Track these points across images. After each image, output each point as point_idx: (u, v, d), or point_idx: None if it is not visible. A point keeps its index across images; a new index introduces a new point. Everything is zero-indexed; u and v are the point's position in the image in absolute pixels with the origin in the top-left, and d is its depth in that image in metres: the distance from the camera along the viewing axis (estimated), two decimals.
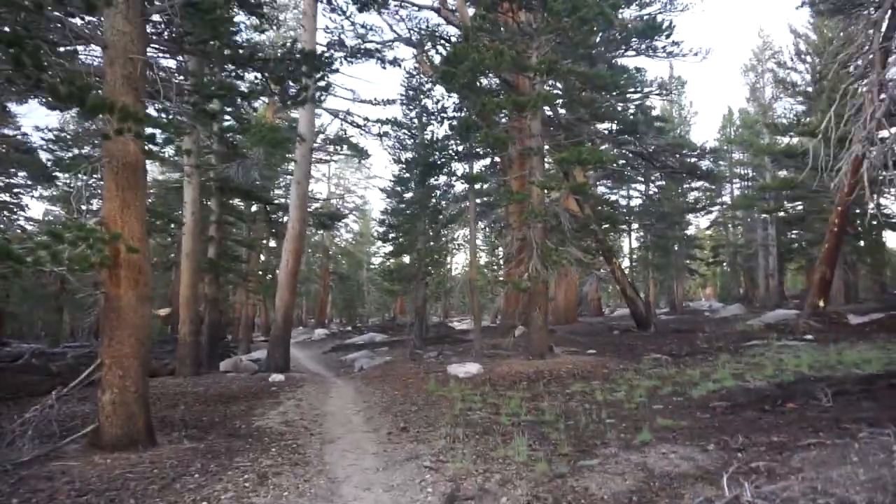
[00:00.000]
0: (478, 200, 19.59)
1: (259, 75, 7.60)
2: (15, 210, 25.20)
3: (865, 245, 30.93)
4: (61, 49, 6.75)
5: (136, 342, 5.77)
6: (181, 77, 10.02)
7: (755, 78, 40.00)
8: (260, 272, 29.05)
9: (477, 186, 15.86)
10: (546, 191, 12.59)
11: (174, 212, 18.28)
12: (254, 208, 25.01)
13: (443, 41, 16.01)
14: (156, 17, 7.20)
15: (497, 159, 21.40)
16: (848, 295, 29.97)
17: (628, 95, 20.55)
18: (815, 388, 7.52)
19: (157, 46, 7.72)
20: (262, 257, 32.68)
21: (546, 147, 13.27)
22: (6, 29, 5.26)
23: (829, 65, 27.37)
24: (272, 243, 31.12)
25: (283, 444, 6.31)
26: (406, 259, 24.44)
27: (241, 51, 7.56)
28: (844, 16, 25.90)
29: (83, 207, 7.73)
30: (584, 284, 35.82)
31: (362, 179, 45.25)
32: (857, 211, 25.22)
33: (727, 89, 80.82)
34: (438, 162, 15.15)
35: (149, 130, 6.02)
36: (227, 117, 15.71)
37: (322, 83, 7.98)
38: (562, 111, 17.16)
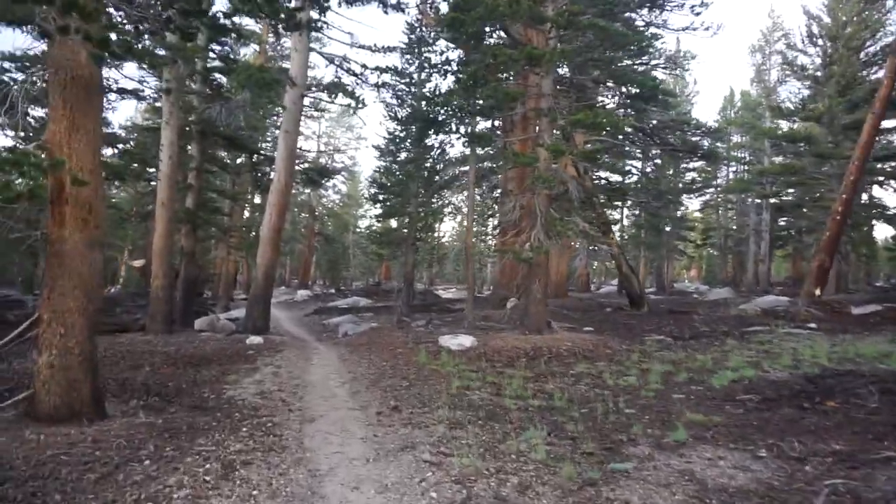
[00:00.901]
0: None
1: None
2: None
3: (859, 236, 30.56)
4: None
5: (81, 295, 4.78)
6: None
7: (762, 59, 38.83)
8: (243, 227, 27.89)
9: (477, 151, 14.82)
10: (554, 155, 11.63)
11: (152, 156, 17.01)
12: (239, 160, 23.76)
13: None
14: None
15: (497, 122, 20.32)
16: (839, 284, 29.66)
17: (635, 66, 19.46)
18: (851, 384, 6.80)
19: None
20: (247, 213, 31.46)
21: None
22: None
23: (840, 49, 26.57)
24: (258, 199, 29.91)
25: (256, 422, 5.41)
26: (394, 223, 23.43)
27: None
28: None
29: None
30: (574, 259, 35.16)
31: (353, 140, 43.83)
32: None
33: (726, 70, 79.35)
34: (439, 119, 14.03)
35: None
36: (212, 56, 14.47)
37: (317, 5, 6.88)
38: (564, 72, 16.05)
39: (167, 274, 12.68)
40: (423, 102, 14.44)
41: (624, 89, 15.75)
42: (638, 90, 13.02)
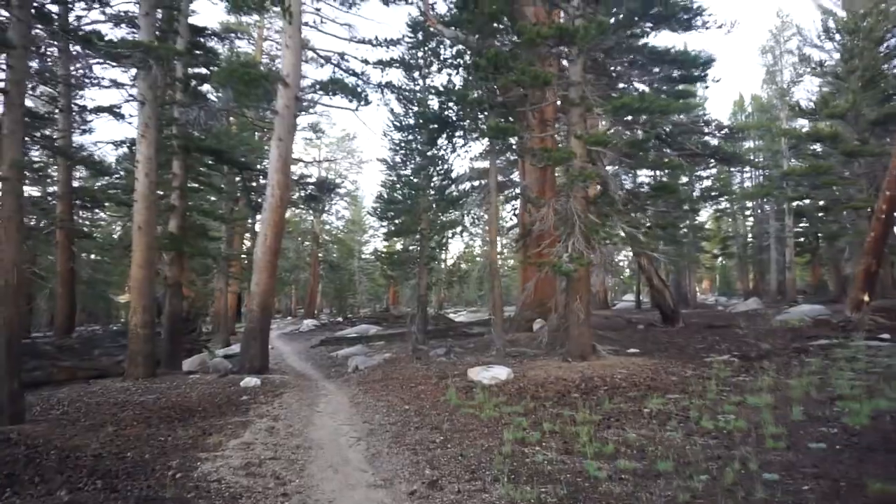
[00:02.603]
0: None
1: None
2: None
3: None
4: None
5: None
6: None
7: (773, 60, 37.31)
8: (243, 255, 26.14)
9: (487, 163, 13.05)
10: (592, 148, 9.94)
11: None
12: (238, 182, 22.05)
13: None
14: None
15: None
16: (881, 289, 27.73)
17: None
18: None
19: None
20: (248, 242, 29.76)
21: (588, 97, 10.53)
22: None
23: (861, 42, 25.04)
24: (259, 226, 28.21)
25: None
26: (399, 246, 21.72)
27: None
28: None
29: None
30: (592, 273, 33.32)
31: (354, 164, 42.38)
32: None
33: (730, 75, 77.94)
34: (452, 118, 12.34)
35: None
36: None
37: None
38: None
39: (148, 308, 10.91)
40: (435, 99, 12.79)
41: (653, 73, 14.04)
42: (683, 73, 11.35)
